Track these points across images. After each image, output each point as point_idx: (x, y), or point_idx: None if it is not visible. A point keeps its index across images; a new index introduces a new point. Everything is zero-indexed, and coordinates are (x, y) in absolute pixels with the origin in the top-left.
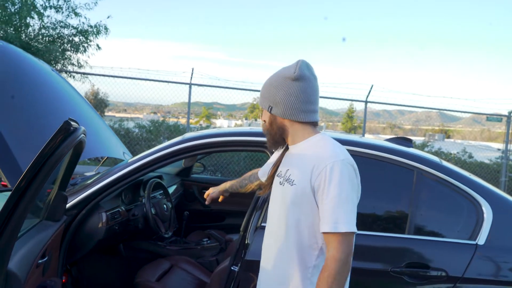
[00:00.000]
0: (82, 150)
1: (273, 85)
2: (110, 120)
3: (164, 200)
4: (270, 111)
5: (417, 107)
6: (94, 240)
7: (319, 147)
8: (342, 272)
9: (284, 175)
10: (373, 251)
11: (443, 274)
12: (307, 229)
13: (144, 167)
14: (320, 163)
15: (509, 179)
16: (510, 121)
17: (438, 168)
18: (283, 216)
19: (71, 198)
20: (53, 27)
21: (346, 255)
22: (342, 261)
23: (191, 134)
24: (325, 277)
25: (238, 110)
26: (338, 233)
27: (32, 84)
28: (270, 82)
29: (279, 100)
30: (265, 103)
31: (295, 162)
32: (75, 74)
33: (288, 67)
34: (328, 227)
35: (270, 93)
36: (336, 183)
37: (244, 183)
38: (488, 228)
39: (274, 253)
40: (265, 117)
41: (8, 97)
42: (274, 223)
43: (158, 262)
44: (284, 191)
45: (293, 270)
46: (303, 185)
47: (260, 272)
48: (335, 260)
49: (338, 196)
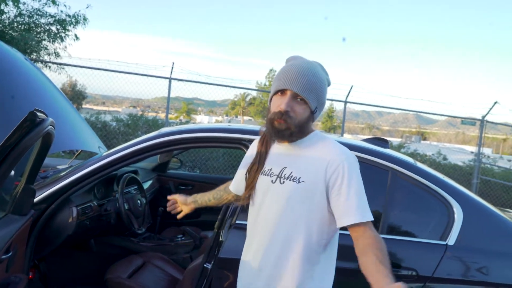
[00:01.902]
0: (51, 142)
1: (323, 88)
2: (87, 112)
3: (139, 196)
4: (315, 112)
5: (395, 108)
6: (63, 235)
7: (325, 145)
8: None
9: (280, 173)
10: (347, 250)
11: (413, 274)
12: (316, 226)
13: (118, 161)
14: (335, 159)
15: (481, 182)
16: (483, 125)
17: (412, 169)
18: (288, 215)
19: (40, 192)
20: (29, 15)
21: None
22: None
23: (167, 129)
24: (384, 254)
25: (219, 106)
26: (367, 222)
27: (4, 73)
28: (321, 82)
29: (323, 104)
30: (312, 101)
31: (298, 160)
32: (51, 65)
33: (325, 71)
34: (358, 218)
35: (320, 94)
36: (355, 177)
37: (219, 194)
38: (458, 229)
39: (275, 254)
40: (304, 113)
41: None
42: (272, 225)
43: (131, 258)
44: (286, 190)
45: (297, 269)
46: (315, 181)
47: (246, 272)
48: (379, 238)
49: (359, 189)
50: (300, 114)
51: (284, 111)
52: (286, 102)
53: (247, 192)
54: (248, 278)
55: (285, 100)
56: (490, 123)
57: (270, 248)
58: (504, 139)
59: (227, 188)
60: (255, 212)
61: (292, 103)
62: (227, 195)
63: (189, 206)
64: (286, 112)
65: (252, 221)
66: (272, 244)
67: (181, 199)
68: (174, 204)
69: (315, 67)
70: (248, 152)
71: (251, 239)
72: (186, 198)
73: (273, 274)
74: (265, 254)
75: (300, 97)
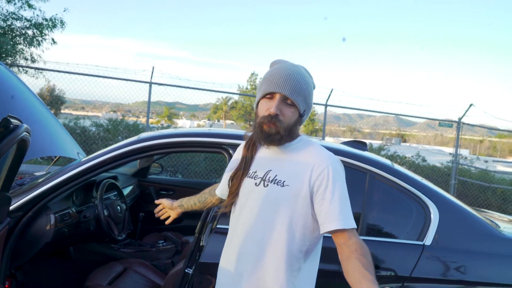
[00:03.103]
0: (26, 148)
1: (310, 91)
2: (65, 118)
3: (118, 201)
4: (303, 115)
5: (376, 111)
6: (41, 243)
7: (310, 149)
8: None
9: (264, 176)
10: (326, 252)
11: (392, 274)
12: (298, 230)
13: (96, 167)
14: (320, 164)
15: (459, 182)
16: (460, 127)
17: (389, 171)
18: (270, 218)
19: (17, 199)
20: (4, 19)
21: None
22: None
23: (147, 134)
24: (369, 261)
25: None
26: (351, 229)
27: None
28: (308, 85)
29: (309, 107)
30: (301, 104)
31: (283, 163)
32: (27, 69)
33: (305, 71)
34: (341, 224)
35: (308, 97)
36: (340, 183)
37: (203, 197)
38: (435, 229)
39: (255, 258)
40: (293, 116)
41: None
42: (253, 227)
43: (111, 265)
44: (270, 193)
45: (278, 274)
46: (299, 186)
47: (226, 277)
48: (363, 245)
49: (343, 195)
50: (289, 118)
51: (273, 114)
52: (276, 105)
53: (230, 199)
54: (228, 284)
55: (274, 104)
56: (467, 125)
57: (250, 252)
58: (480, 141)
59: (212, 191)
60: (236, 214)
61: (281, 106)
62: (211, 198)
63: (176, 211)
64: (275, 116)
65: (233, 224)
66: (253, 247)
67: (167, 204)
68: (161, 210)
69: (301, 70)
70: (234, 157)
71: (230, 243)
72: (172, 203)
73: (252, 279)
74: (245, 257)
75: (289, 100)
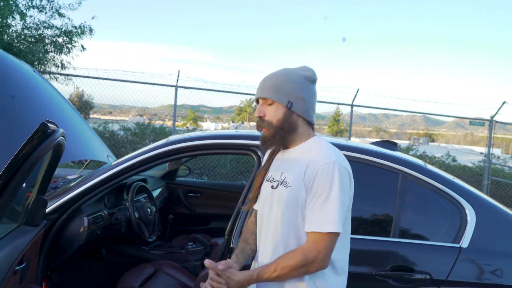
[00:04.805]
0: (61, 152)
1: (294, 82)
2: (94, 122)
3: (148, 204)
4: (290, 106)
5: (402, 111)
6: (75, 245)
7: (314, 150)
8: (303, 266)
9: (280, 179)
10: (358, 255)
11: (427, 277)
12: (304, 232)
13: (127, 170)
14: (313, 165)
15: (492, 182)
16: (492, 125)
17: (422, 171)
18: (280, 221)
19: (51, 202)
20: (36, 28)
21: (323, 254)
22: (311, 258)
23: (176, 137)
24: (289, 259)
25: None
26: (323, 233)
27: (13, 85)
28: (288, 78)
29: (302, 97)
30: (281, 98)
31: (291, 165)
32: (58, 76)
33: (302, 69)
34: (316, 227)
35: (291, 89)
36: (328, 185)
37: (246, 237)
38: (472, 231)
39: (271, 259)
40: (277, 112)
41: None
42: (269, 230)
43: (142, 267)
44: (279, 195)
45: (298, 278)
46: (297, 186)
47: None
48: (304, 254)
49: (331, 197)
50: (272, 115)
51: (257, 117)
52: (258, 109)
53: (251, 204)
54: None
55: (257, 109)
56: (499, 123)
57: (268, 253)
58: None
59: (248, 227)
60: (259, 219)
61: (263, 108)
62: (250, 232)
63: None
64: (259, 118)
65: (258, 228)
66: (270, 250)
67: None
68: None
69: (282, 70)
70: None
71: (258, 245)
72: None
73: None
74: (264, 259)
75: (268, 100)
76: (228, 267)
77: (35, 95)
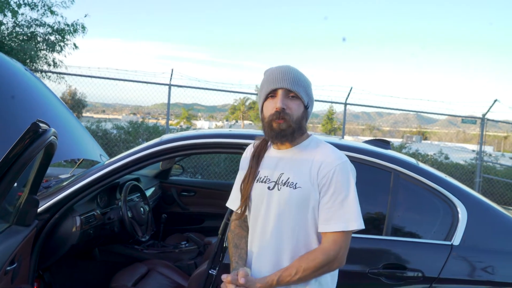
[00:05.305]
0: (53, 152)
1: (309, 83)
2: (87, 121)
3: (141, 203)
4: (307, 107)
5: (395, 109)
6: (67, 245)
7: (320, 150)
8: (325, 266)
9: (278, 180)
10: (351, 253)
11: (419, 275)
12: (313, 231)
13: (120, 170)
14: (327, 165)
15: (484, 180)
16: (484, 123)
17: (414, 169)
18: (285, 221)
19: (43, 202)
20: (27, 26)
21: (343, 252)
22: (332, 257)
23: (169, 136)
24: (310, 261)
25: (219, 111)
26: (344, 231)
27: (4, 84)
28: (304, 77)
29: (313, 101)
30: (304, 96)
31: (294, 165)
32: (50, 74)
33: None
34: (341, 226)
35: (309, 89)
36: (346, 184)
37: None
38: (463, 228)
39: (273, 260)
40: (299, 108)
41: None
42: (269, 231)
43: (135, 266)
44: (282, 196)
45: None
46: (309, 186)
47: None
48: (325, 253)
49: (347, 197)
50: (295, 110)
51: (280, 109)
52: (281, 100)
53: (242, 203)
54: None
55: (279, 99)
56: (491, 121)
57: (268, 254)
58: (505, 137)
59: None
60: (253, 219)
61: (286, 101)
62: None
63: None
64: (282, 110)
65: (251, 229)
66: (271, 250)
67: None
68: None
69: (295, 68)
70: (243, 155)
71: (251, 245)
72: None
73: None
74: (264, 259)
75: (292, 93)
76: (246, 275)
77: (27, 94)
